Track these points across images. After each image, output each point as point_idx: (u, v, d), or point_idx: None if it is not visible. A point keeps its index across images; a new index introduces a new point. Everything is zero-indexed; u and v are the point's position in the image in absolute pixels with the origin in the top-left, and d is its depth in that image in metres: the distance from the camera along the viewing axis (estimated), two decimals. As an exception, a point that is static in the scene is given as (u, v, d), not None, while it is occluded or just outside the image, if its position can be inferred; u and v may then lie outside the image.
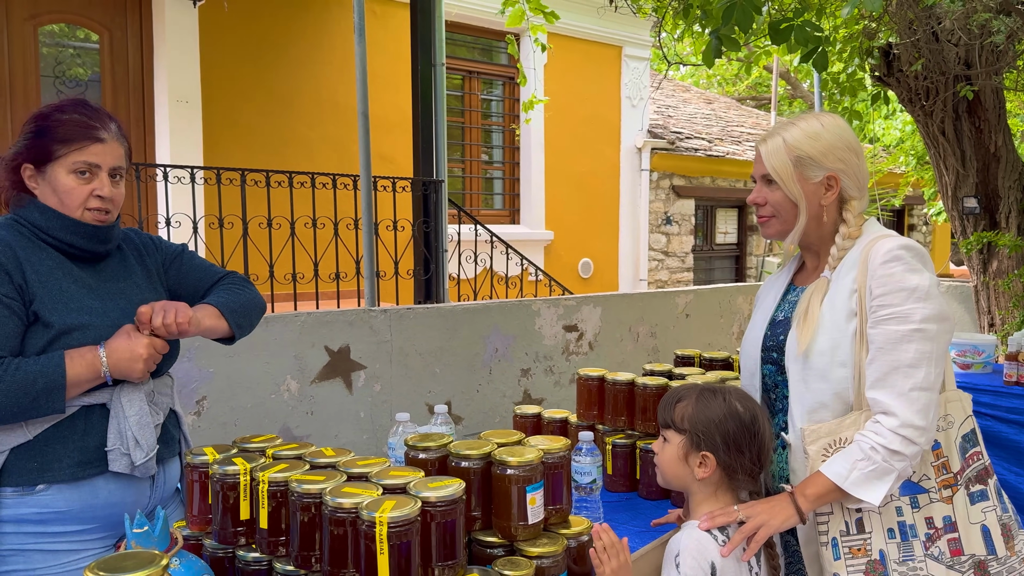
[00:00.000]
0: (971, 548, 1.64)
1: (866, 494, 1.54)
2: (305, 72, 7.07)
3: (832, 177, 1.71)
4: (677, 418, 1.64)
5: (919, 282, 1.59)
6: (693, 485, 1.64)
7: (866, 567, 1.59)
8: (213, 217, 4.85)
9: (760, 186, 1.77)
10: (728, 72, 16.18)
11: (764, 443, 1.62)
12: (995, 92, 5.63)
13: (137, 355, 1.64)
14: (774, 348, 1.78)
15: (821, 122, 1.73)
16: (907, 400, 1.55)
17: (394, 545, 1.21)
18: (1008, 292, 5.63)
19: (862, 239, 1.71)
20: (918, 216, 13.50)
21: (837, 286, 1.68)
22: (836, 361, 1.63)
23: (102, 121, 1.74)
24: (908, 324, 1.57)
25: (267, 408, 4.03)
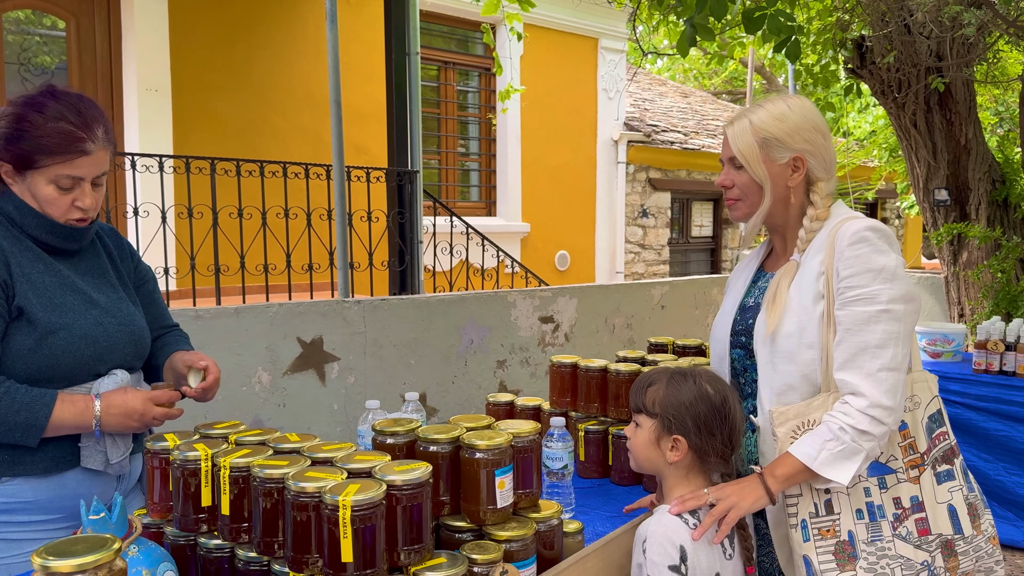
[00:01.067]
0: (938, 527, 1.64)
1: (835, 474, 1.54)
2: (278, 61, 6.99)
3: (798, 158, 1.70)
4: (648, 402, 1.64)
5: (886, 263, 1.59)
6: (665, 469, 1.63)
7: (835, 548, 1.59)
8: (183, 207, 4.77)
9: (727, 169, 1.77)
10: (704, 66, 16.25)
11: (735, 425, 1.61)
12: (966, 84, 5.68)
13: (132, 411, 1.63)
14: (743, 332, 1.77)
15: (788, 104, 1.72)
16: (875, 380, 1.55)
17: (358, 529, 1.19)
18: (978, 283, 5.70)
19: (830, 221, 1.71)
20: (891, 209, 13.65)
21: (805, 268, 1.68)
22: (804, 343, 1.62)
23: (90, 131, 1.64)
24: (875, 305, 1.57)
25: (238, 400, 3.97)
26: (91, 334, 1.66)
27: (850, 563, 1.58)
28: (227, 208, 4.74)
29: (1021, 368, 3.91)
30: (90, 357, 1.67)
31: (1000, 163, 5.85)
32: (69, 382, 1.65)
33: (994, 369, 3.98)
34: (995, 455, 3.95)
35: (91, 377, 1.68)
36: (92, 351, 1.67)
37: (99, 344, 1.68)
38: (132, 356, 1.78)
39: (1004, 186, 5.73)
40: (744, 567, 1.61)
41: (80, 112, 1.64)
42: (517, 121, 8.93)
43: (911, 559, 1.60)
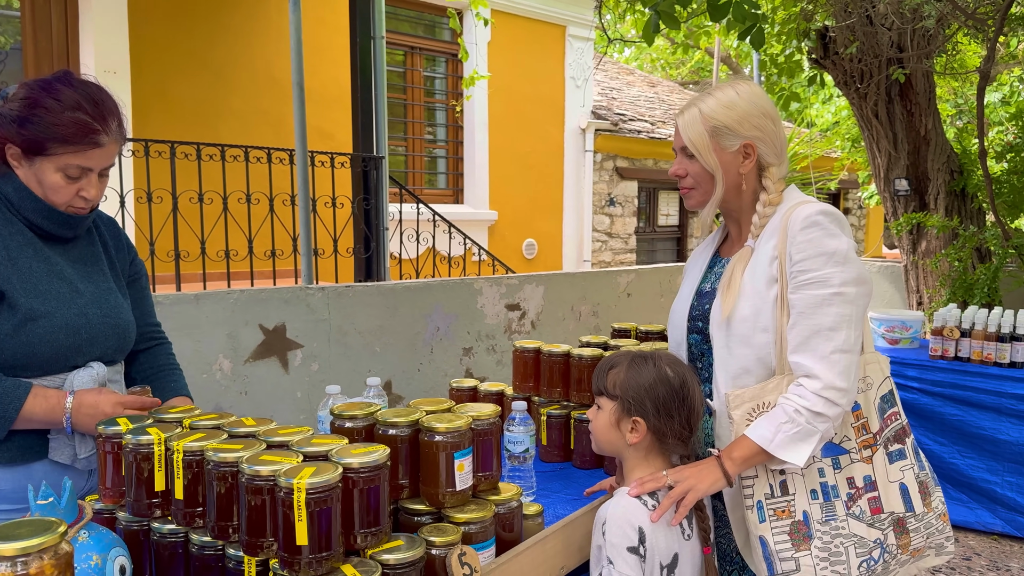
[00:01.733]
0: (890, 506, 1.67)
1: (791, 456, 1.56)
2: (240, 43, 6.87)
3: (748, 145, 1.71)
4: (609, 385, 1.65)
5: (837, 246, 1.61)
6: (625, 451, 1.64)
7: (790, 528, 1.61)
8: (142, 191, 4.69)
9: (680, 158, 1.78)
10: (671, 56, 16.32)
11: (694, 407, 1.62)
12: (926, 76, 5.77)
13: (101, 412, 1.59)
14: (699, 318, 1.79)
15: (736, 91, 1.72)
16: (828, 363, 1.57)
17: (313, 512, 1.17)
18: (936, 271, 5.81)
19: (782, 205, 1.72)
20: (853, 199, 13.85)
21: (758, 253, 1.69)
22: (758, 327, 1.64)
23: (105, 123, 1.61)
24: (827, 288, 1.59)
25: (198, 388, 3.91)
26: (73, 324, 1.63)
27: (805, 543, 1.60)
28: (187, 193, 4.66)
29: (975, 354, 3.99)
30: (69, 347, 1.63)
31: (958, 154, 5.96)
32: (44, 371, 1.62)
33: (949, 355, 4.06)
34: (950, 439, 4.04)
35: (67, 368, 1.65)
36: (72, 341, 1.63)
37: (80, 335, 1.65)
38: (114, 349, 1.75)
39: (962, 177, 5.84)
40: (701, 548, 1.62)
41: (97, 103, 1.61)
42: (485, 108, 8.90)
43: (864, 537, 1.63)
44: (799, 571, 1.59)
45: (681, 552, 1.58)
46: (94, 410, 1.59)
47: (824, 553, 1.60)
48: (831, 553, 1.60)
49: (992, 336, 3.94)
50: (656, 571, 1.54)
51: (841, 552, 1.61)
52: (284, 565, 1.21)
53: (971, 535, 4.00)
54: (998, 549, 3.85)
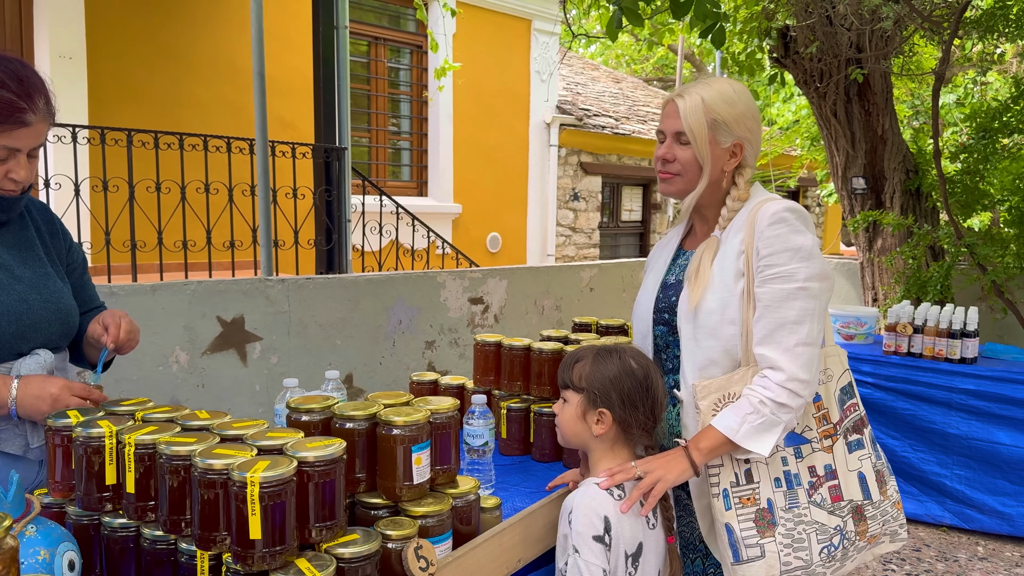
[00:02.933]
0: (849, 494, 1.72)
1: (756, 446, 1.59)
2: (200, 29, 6.74)
3: (738, 144, 1.75)
4: (575, 377, 1.67)
5: (803, 243, 1.64)
6: (591, 442, 1.67)
7: (755, 516, 1.64)
8: (97, 180, 4.58)
9: (670, 143, 1.77)
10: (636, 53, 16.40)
11: (657, 398, 1.65)
12: (883, 77, 5.88)
13: (48, 395, 1.55)
14: (666, 309, 1.81)
15: (734, 88, 1.75)
16: (792, 355, 1.60)
17: (267, 506, 1.16)
18: (891, 268, 5.93)
19: (749, 201, 1.76)
20: (812, 197, 14.08)
21: (726, 247, 1.72)
22: (725, 319, 1.67)
23: (32, 100, 1.55)
24: (792, 283, 1.62)
25: (154, 381, 3.86)
26: (14, 310, 1.59)
27: (769, 529, 1.64)
28: (144, 182, 4.57)
29: (928, 350, 4.09)
30: (12, 335, 1.59)
31: (914, 154, 6.08)
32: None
33: (903, 351, 4.16)
34: (902, 432, 4.14)
35: (12, 356, 1.61)
36: (15, 328, 1.59)
37: (22, 321, 1.60)
38: (58, 335, 1.71)
39: (917, 176, 5.96)
40: (665, 537, 1.64)
41: (21, 80, 1.55)
42: (449, 101, 8.86)
43: (825, 524, 1.67)
44: (764, 557, 1.62)
45: (646, 541, 1.60)
46: (41, 392, 1.55)
47: (787, 540, 1.64)
48: (794, 539, 1.64)
49: (944, 332, 4.04)
50: (621, 560, 1.56)
51: (803, 539, 1.65)
52: (237, 559, 1.20)
53: (921, 527, 4.10)
54: (946, 540, 3.96)
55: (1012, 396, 3.85)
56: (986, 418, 3.92)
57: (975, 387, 3.93)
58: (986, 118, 5.61)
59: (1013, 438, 3.86)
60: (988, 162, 5.59)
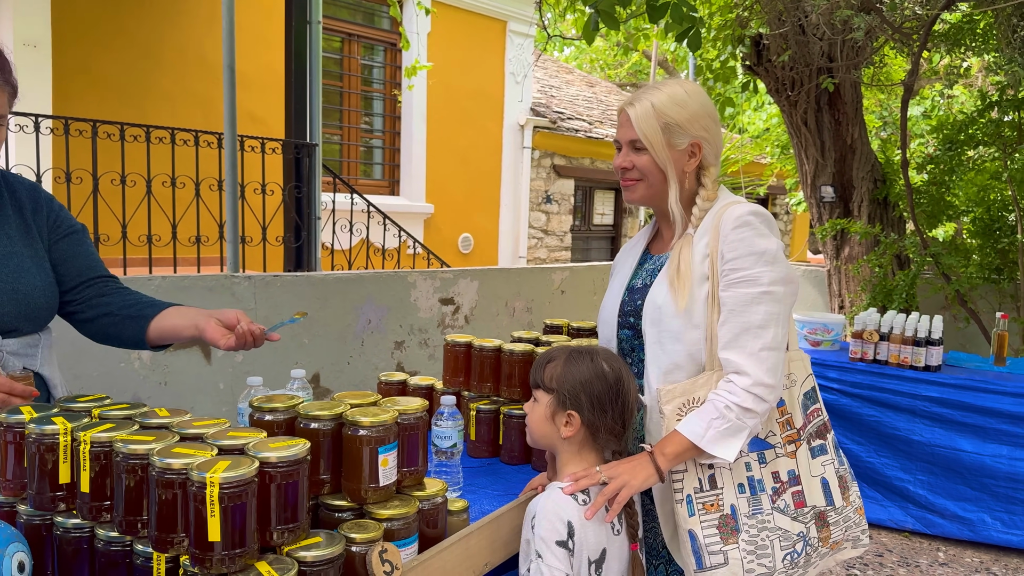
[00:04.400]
0: (812, 500, 1.72)
1: (721, 451, 1.58)
2: (169, 21, 6.63)
3: (696, 144, 1.73)
4: (546, 378, 1.65)
5: (767, 246, 1.64)
6: (559, 444, 1.65)
7: (719, 521, 1.63)
8: (60, 171, 4.48)
9: (626, 151, 1.76)
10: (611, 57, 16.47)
11: (628, 403, 1.63)
12: (854, 86, 5.95)
13: None
14: (631, 313, 1.79)
15: (685, 89, 1.74)
16: (757, 360, 1.60)
17: (226, 507, 1.12)
18: (857, 276, 6.00)
19: (714, 206, 1.75)
20: (781, 205, 14.24)
21: (693, 251, 1.71)
22: (691, 323, 1.66)
23: None
24: (757, 287, 1.61)
25: (115, 377, 3.77)
26: None
27: (733, 536, 1.62)
28: (109, 174, 4.48)
29: (893, 357, 4.13)
30: None
31: (882, 164, 6.17)
32: None
33: (868, 358, 4.20)
34: (867, 439, 4.18)
35: None
36: None
37: None
38: (12, 316, 1.64)
39: (885, 186, 6.05)
40: (629, 543, 1.63)
41: None
42: (423, 100, 8.82)
43: (788, 530, 1.66)
44: (727, 564, 1.61)
45: (609, 547, 1.58)
46: None
47: (751, 546, 1.63)
48: (757, 546, 1.63)
49: (909, 340, 4.09)
50: (584, 565, 1.53)
51: (767, 545, 1.64)
52: (195, 562, 1.16)
53: (884, 532, 4.15)
54: (908, 546, 4.00)
55: (974, 404, 3.90)
56: (949, 425, 3.97)
57: (939, 395, 3.98)
58: (952, 130, 5.70)
59: (975, 445, 3.92)
60: (954, 173, 5.69)
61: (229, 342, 1.68)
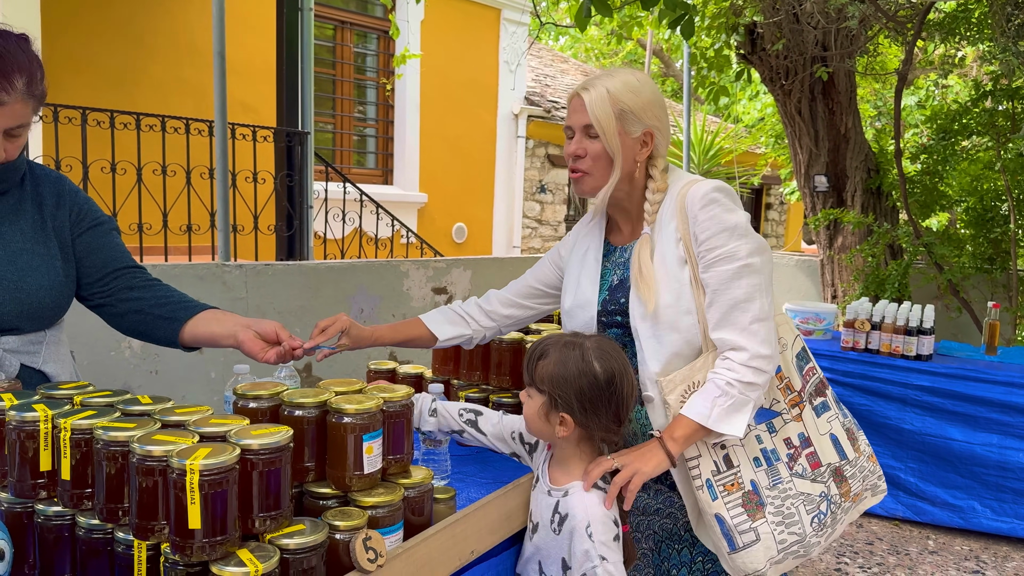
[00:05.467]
0: (826, 458, 1.73)
1: (729, 428, 1.58)
2: (160, 8, 6.58)
3: (648, 133, 1.70)
4: (538, 378, 1.62)
5: (737, 220, 1.64)
6: (557, 440, 1.64)
7: (742, 499, 1.63)
8: (50, 159, 4.45)
9: (579, 137, 1.71)
10: (605, 46, 16.41)
11: (623, 400, 1.60)
12: (848, 76, 5.94)
13: None
14: (617, 312, 1.76)
15: (637, 77, 1.71)
16: (750, 333, 1.60)
17: (207, 495, 1.11)
18: (850, 266, 6.01)
19: (672, 187, 1.73)
20: (775, 195, 14.23)
21: (661, 237, 1.69)
22: (681, 310, 1.65)
23: (7, 80, 1.47)
24: (736, 262, 1.62)
25: (105, 366, 3.76)
26: None
27: (759, 511, 1.63)
28: (99, 162, 4.44)
29: (884, 346, 4.14)
30: None
31: (875, 154, 6.16)
32: None
33: (860, 347, 4.20)
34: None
35: None
36: None
37: None
38: (15, 316, 1.63)
39: (878, 175, 6.04)
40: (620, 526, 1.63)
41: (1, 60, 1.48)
42: (417, 88, 8.77)
43: (810, 493, 1.68)
44: (759, 540, 1.61)
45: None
46: None
47: (778, 517, 1.64)
48: (784, 516, 1.64)
49: (900, 329, 4.09)
50: None
51: (793, 512, 1.65)
52: (176, 549, 1.15)
53: (874, 520, 4.16)
54: (898, 534, 4.02)
55: (964, 393, 3.91)
56: (939, 414, 3.98)
57: (930, 383, 3.98)
58: (946, 120, 5.69)
59: (965, 434, 3.93)
60: (947, 163, 5.68)
61: (268, 357, 1.68)
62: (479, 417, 1.79)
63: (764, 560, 1.62)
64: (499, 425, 1.79)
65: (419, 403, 1.79)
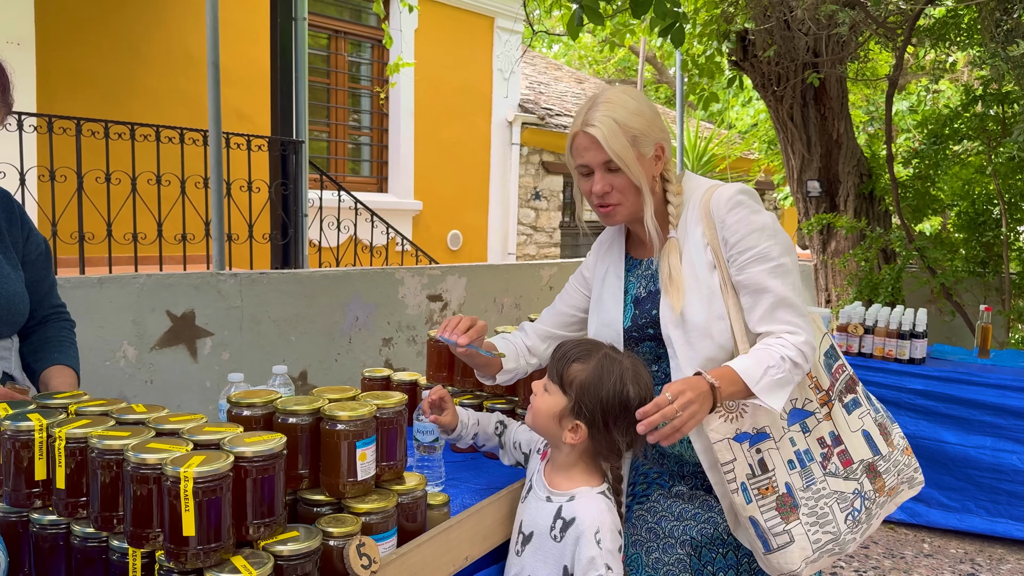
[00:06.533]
0: (858, 455, 1.74)
1: (771, 399, 1.56)
2: (155, 18, 6.60)
3: (659, 147, 1.70)
4: (567, 379, 1.58)
5: (766, 221, 1.66)
6: (560, 444, 1.61)
7: (776, 503, 1.63)
8: (44, 169, 4.45)
9: (600, 175, 1.69)
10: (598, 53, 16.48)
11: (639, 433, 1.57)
12: (839, 81, 5.98)
13: None
14: (649, 324, 1.74)
15: (632, 96, 1.71)
16: (797, 325, 1.62)
17: (201, 502, 1.12)
18: (843, 270, 6.03)
19: (692, 191, 1.74)
20: (769, 200, 14.27)
21: (688, 243, 1.69)
22: (713, 315, 1.65)
23: None
24: (771, 261, 1.62)
25: (100, 376, 3.75)
26: None
27: (793, 513, 1.63)
28: (94, 172, 4.45)
29: (878, 350, 4.16)
30: None
31: (868, 159, 6.20)
32: None
33: (854, 351, 4.22)
34: (852, 432, 4.20)
35: None
36: None
37: None
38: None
39: (870, 180, 6.07)
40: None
41: None
42: (411, 96, 8.80)
43: (844, 492, 1.69)
44: (793, 542, 1.62)
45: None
46: None
47: (812, 518, 1.65)
48: (818, 516, 1.65)
49: (893, 333, 4.11)
50: None
51: (827, 512, 1.66)
52: (170, 557, 1.16)
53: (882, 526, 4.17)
54: (893, 538, 4.03)
55: (958, 396, 3.93)
56: (933, 417, 4.00)
57: (923, 387, 4.00)
58: (937, 125, 5.73)
59: (958, 437, 3.94)
60: (939, 168, 5.71)
61: None
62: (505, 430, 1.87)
63: (800, 560, 1.62)
64: (511, 434, 1.85)
65: (483, 422, 1.86)
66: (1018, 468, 3.83)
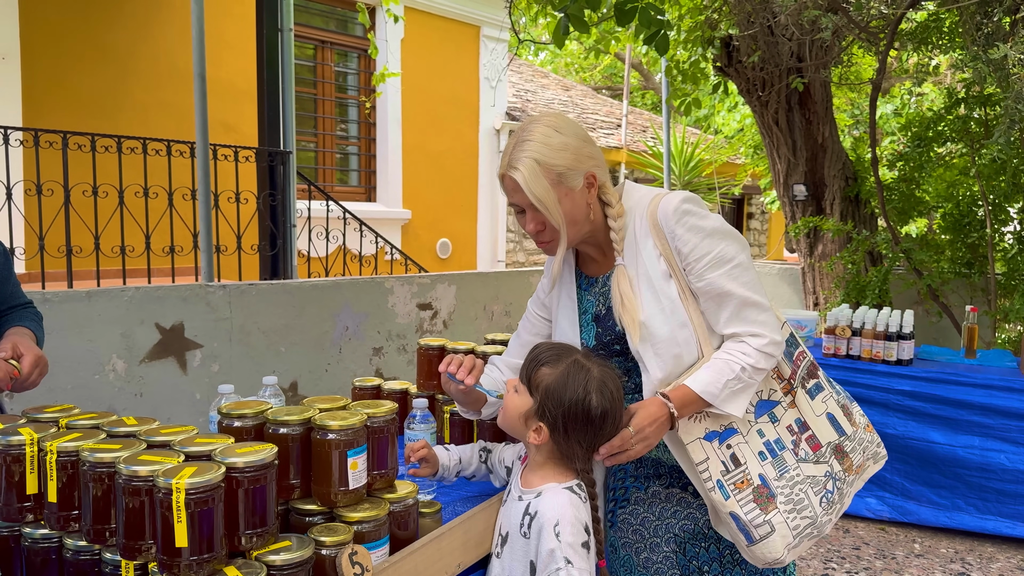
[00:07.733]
0: (825, 438, 1.76)
1: (733, 408, 1.63)
2: (142, 31, 6.59)
3: (591, 175, 1.68)
4: (535, 381, 1.61)
5: (715, 224, 1.67)
6: (528, 443, 1.64)
7: (753, 495, 1.66)
8: (31, 183, 4.43)
9: (532, 214, 1.68)
10: (584, 60, 16.55)
11: (603, 436, 1.59)
12: (823, 86, 6.03)
13: None
14: (615, 341, 1.75)
15: (556, 127, 1.66)
16: (762, 323, 1.64)
17: (193, 513, 1.13)
18: (831, 273, 6.07)
19: (635, 205, 1.73)
20: (756, 205, 14.35)
21: (641, 258, 1.69)
22: (676, 324, 1.66)
23: None
24: (728, 264, 1.64)
25: (90, 389, 3.74)
26: None
27: (770, 503, 1.66)
28: (80, 185, 4.44)
29: (865, 352, 4.19)
30: None
31: (853, 162, 6.25)
32: None
33: (841, 353, 4.25)
34: (841, 433, 4.22)
35: None
36: None
37: None
38: None
39: (856, 183, 6.12)
40: (597, 561, 1.61)
41: None
42: (398, 106, 8.81)
43: (816, 476, 1.72)
44: (774, 531, 1.64)
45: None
46: None
47: (789, 505, 1.67)
48: (795, 503, 1.67)
49: (880, 335, 4.14)
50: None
51: (803, 497, 1.69)
52: (163, 568, 1.16)
53: (860, 524, 4.19)
54: (885, 538, 4.05)
55: (945, 396, 3.96)
56: (921, 418, 4.03)
57: (911, 388, 4.03)
58: (921, 127, 5.78)
59: (947, 437, 3.98)
60: (923, 170, 5.77)
61: None
62: (489, 455, 1.88)
63: (782, 548, 1.65)
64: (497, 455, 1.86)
65: (464, 457, 1.86)
66: (1006, 467, 3.86)
